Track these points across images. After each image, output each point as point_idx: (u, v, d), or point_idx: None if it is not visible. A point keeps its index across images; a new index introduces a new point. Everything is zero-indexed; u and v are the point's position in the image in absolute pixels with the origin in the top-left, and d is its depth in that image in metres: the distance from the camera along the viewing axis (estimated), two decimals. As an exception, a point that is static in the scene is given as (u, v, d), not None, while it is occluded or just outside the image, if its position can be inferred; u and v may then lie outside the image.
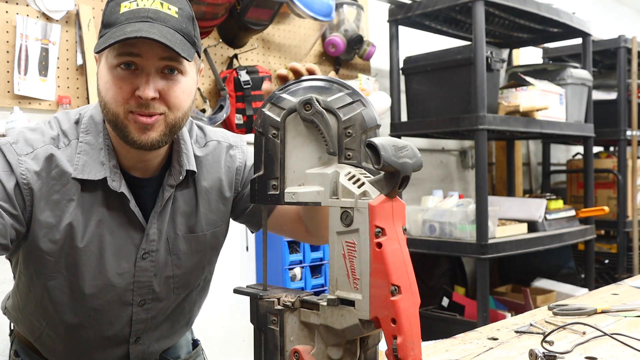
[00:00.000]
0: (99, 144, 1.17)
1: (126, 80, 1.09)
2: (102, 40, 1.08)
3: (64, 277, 1.18)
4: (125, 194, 1.17)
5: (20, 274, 1.25)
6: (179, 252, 1.27)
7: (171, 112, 1.12)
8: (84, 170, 1.14)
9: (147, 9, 1.08)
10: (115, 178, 1.16)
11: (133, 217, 1.20)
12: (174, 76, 1.12)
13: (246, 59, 2.89)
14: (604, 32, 4.91)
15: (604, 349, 1.26)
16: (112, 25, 1.08)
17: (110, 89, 1.10)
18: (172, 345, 1.44)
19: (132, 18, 1.07)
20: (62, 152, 1.15)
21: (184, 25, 1.11)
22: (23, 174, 1.11)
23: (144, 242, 1.21)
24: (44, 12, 2.23)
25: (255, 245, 2.94)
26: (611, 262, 4.52)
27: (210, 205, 1.30)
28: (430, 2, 3.14)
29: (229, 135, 1.36)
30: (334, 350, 0.87)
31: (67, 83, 2.31)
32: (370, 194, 0.80)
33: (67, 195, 1.15)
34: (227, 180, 1.31)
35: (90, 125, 1.18)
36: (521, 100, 3.22)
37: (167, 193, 1.22)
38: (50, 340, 1.28)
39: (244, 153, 1.35)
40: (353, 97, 0.89)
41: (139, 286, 1.24)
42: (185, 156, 1.23)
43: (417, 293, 0.80)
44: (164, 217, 1.23)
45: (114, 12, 1.09)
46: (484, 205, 2.96)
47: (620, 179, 4.22)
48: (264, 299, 0.93)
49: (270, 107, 0.93)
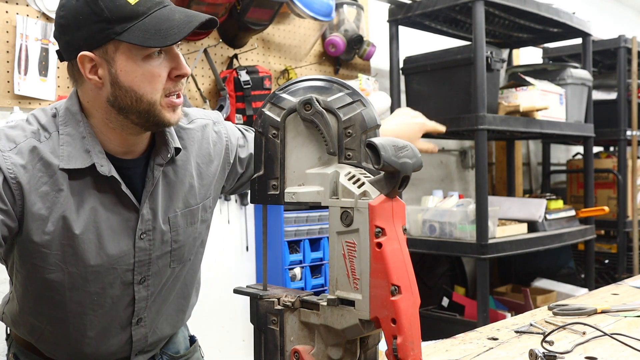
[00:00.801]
0: (80, 133, 1.18)
1: (161, 66, 1.14)
2: (149, 32, 1.09)
3: (62, 269, 1.19)
4: (115, 177, 1.18)
5: (16, 272, 1.25)
6: (178, 228, 1.30)
7: (184, 84, 1.21)
8: (70, 161, 1.16)
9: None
10: (104, 163, 1.17)
11: (125, 199, 1.21)
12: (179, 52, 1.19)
13: (246, 59, 2.89)
14: (604, 32, 4.91)
15: (604, 349, 1.26)
16: (135, 18, 1.09)
17: (147, 80, 1.13)
18: (170, 337, 1.45)
19: (152, 6, 1.11)
20: (45, 144, 1.16)
21: None
22: (9, 169, 1.12)
23: (140, 222, 1.23)
24: (44, 12, 2.23)
25: (255, 245, 2.94)
26: (611, 262, 4.52)
27: (203, 181, 1.34)
28: (430, 2, 3.14)
29: (208, 113, 1.42)
30: (334, 350, 0.87)
31: (67, 83, 2.30)
32: (370, 194, 0.80)
33: (55, 186, 1.15)
34: (216, 154, 1.37)
35: (68, 116, 1.19)
36: (521, 100, 3.22)
37: (156, 172, 1.24)
38: (53, 337, 1.28)
39: (226, 128, 1.42)
40: (353, 97, 0.89)
41: (139, 264, 1.26)
42: (169, 134, 1.26)
43: (417, 293, 0.80)
44: (156, 196, 1.25)
45: (121, 5, 1.09)
46: (484, 205, 2.96)
47: (620, 179, 4.22)
48: (264, 299, 0.93)
49: (270, 107, 0.93)
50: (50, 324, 1.26)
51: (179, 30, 1.09)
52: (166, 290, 1.35)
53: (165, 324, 1.39)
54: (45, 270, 1.19)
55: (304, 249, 2.89)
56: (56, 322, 1.26)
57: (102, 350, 1.30)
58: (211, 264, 2.67)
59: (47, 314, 1.25)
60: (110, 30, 1.09)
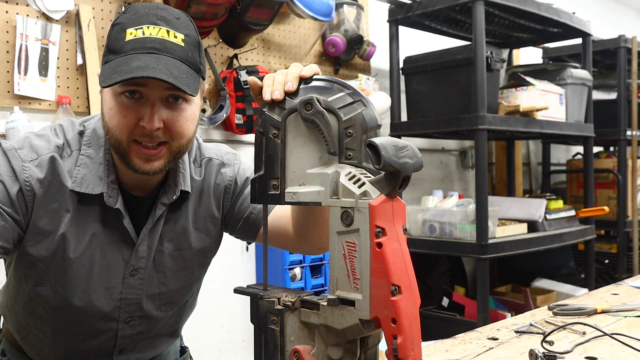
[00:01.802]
0: (99, 158, 1.17)
1: (130, 109, 1.09)
2: (107, 71, 1.07)
3: (51, 285, 1.18)
4: (120, 210, 1.17)
5: (11, 274, 1.25)
6: (165, 270, 1.27)
7: (175, 140, 1.13)
8: (82, 184, 1.15)
9: (153, 39, 1.07)
10: (112, 194, 1.16)
11: (126, 233, 1.20)
12: (178, 105, 1.12)
13: (246, 59, 2.89)
14: (604, 32, 4.91)
15: (604, 349, 1.26)
16: (117, 53, 1.07)
17: (114, 117, 1.10)
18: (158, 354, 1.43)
19: (137, 48, 1.06)
20: (65, 162, 1.16)
21: (190, 54, 1.10)
22: (27, 181, 1.11)
23: (133, 258, 1.21)
24: (44, 12, 2.23)
25: (255, 245, 2.94)
26: (611, 262, 4.52)
27: (198, 225, 1.30)
28: (430, 2, 3.14)
29: (223, 152, 1.35)
30: (334, 350, 0.87)
31: (67, 83, 2.31)
32: (370, 194, 0.80)
33: (64, 206, 1.15)
34: (215, 199, 1.31)
35: (93, 138, 1.18)
36: (521, 100, 3.22)
37: (159, 211, 1.22)
38: (37, 340, 1.28)
39: (235, 171, 1.33)
40: (354, 97, 0.89)
41: (126, 303, 1.24)
42: (182, 176, 1.23)
43: (418, 293, 0.80)
44: (155, 235, 1.23)
45: (119, 38, 1.08)
46: (484, 205, 2.96)
47: (620, 179, 4.22)
48: (264, 298, 0.93)
49: (270, 107, 0.93)
50: (36, 328, 1.27)
51: (117, 77, 1.04)
52: (156, 330, 1.33)
53: (152, 350, 1.38)
54: (36, 282, 1.19)
55: (304, 249, 2.89)
56: (40, 330, 1.26)
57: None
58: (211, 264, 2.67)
59: (34, 319, 1.26)
60: (105, 58, 1.11)
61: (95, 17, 2.36)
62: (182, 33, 1.10)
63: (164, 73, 1.04)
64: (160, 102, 1.09)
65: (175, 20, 1.10)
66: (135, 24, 1.08)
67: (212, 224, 1.31)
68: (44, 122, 2.23)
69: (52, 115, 2.26)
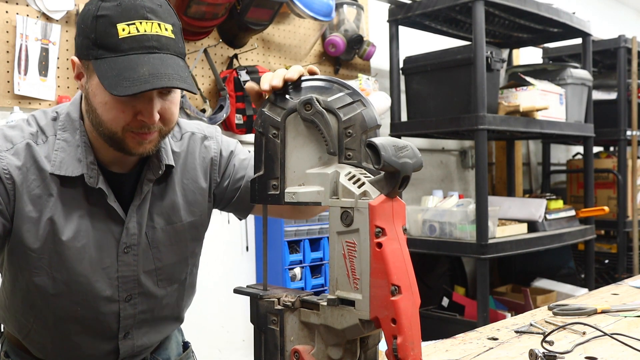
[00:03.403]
0: (75, 141, 1.18)
1: (127, 105, 1.10)
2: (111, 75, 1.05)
3: (47, 273, 1.19)
4: (103, 189, 1.18)
5: (5, 271, 1.26)
6: (158, 245, 1.28)
7: (166, 126, 1.16)
8: (62, 167, 1.16)
9: (150, 36, 1.07)
10: (93, 174, 1.17)
11: (113, 211, 1.21)
12: (170, 95, 1.15)
13: (246, 59, 2.89)
14: (604, 32, 4.91)
15: (604, 349, 1.26)
16: (113, 51, 1.06)
17: (109, 111, 1.10)
18: (162, 342, 1.44)
19: (136, 48, 1.06)
20: (41, 148, 1.17)
21: (180, 45, 1.13)
22: (5, 169, 1.13)
23: (124, 235, 1.23)
24: (44, 12, 2.23)
25: (255, 245, 2.94)
26: (611, 262, 4.52)
27: (187, 198, 1.31)
28: (430, 2, 3.14)
29: (204, 126, 1.38)
30: (334, 350, 0.87)
31: (67, 83, 2.31)
32: (370, 194, 0.80)
33: (46, 191, 1.16)
34: (202, 171, 1.33)
35: (67, 122, 1.20)
36: (521, 100, 3.22)
37: (145, 187, 1.23)
38: (39, 337, 1.28)
39: (219, 143, 1.37)
40: (353, 97, 0.89)
41: (124, 281, 1.25)
42: (164, 151, 1.25)
43: (417, 293, 0.80)
44: (143, 211, 1.25)
45: (111, 34, 1.06)
46: (484, 205, 2.96)
47: (620, 179, 4.22)
48: (264, 299, 0.93)
49: (270, 107, 0.93)
50: (36, 324, 1.27)
51: (131, 85, 1.04)
52: (158, 309, 1.33)
53: (157, 334, 1.38)
54: (31, 273, 1.19)
55: (304, 249, 2.89)
56: (42, 323, 1.26)
57: (87, 355, 1.30)
58: (211, 264, 2.67)
59: (34, 315, 1.26)
60: (92, 51, 1.09)
61: (95, 17, 2.36)
62: (169, 23, 1.11)
63: (175, 79, 1.06)
64: (156, 97, 1.12)
65: (160, 10, 1.10)
66: (126, 19, 1.06)
67: (200, 196, 1.33)
68: (44, 122, 2.23)
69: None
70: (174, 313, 1.40)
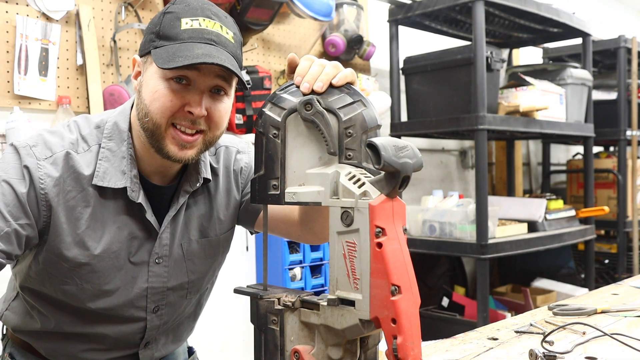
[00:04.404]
0: (121, 152, 1.17)
1: (178, 94, 1.10)
2: (165, 55, 1.07)
3: (76, 283, 1.18)
4: (142, 204, 1.18)
5: (28, 277, 1.23)
6: (193, 257, 1.28)
7: (211, 130, 1.15)
8: (105, 178, 1.15)
9: (210, 31, 1.10)
10: (135, 188, 1.16)
11: (149, 224, 1.20)
12: (220, 96, 1.15)
13: (246, 59, 2.89)
14: (604, 32, 4.91)
15: (604, 349, 1.26)
16: (173, 40, 1.09)
17: (158, 99, 1.10)
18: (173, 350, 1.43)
19: (195, 38, 1.09)
20: (81, 157, 1.15)
21: (238, 52, 1.15)
22: (42, 179, 1.11)
23: (157, 246, 1.22)
24: (44, 12, 2.23)
25: (255, 245, 2.94)
26: (611, 262, 4.52)
27: (223, 211, 1.32)
28: (430, 2, 3.15)
29: (236, 141, 1.39)
30: (334, 350, 0.87)
31: (67, 83, 2.31)
32: (370, 194, 0.80)
33: (83, 202, 1.15)
34: (235, 182, 1.34)
35: (114, 132, 1.18)
36: (521, 100, 3.22)
37: (182, 199, 1.23)
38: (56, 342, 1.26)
39: (250, 157, 1.37)
40: (354, 97, 0.89)
41: (153, 292, 1.24)
42: (202, 164, 1.25)
43: (417, 293, 0.80)
44: (177, 222, 1.24)
45: (174, 26, 1.10)
46: (484, 205, 2.96)
47: (620, 179, 4.22)
48: (264, 298, 0.93)
49: (271, 107, 0.93)
50: (57, 328, 1.25)
51: (183, 60, 1.06)
52: (179, 317, 1.34)
53: (174, 345, 1.39)
54: (61, 281, 1.18)
55: (304, 249, 2.89)
56: (63, 330, 1.24)
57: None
58: (211, 264, 2.67)
59: (55, 321, 1.24)
60: (153, 43, 1.11)
61: (95, 17, 2.36)
62: (231, 30, 1.15)
63: (227, 63, 1.07)
64: (207, 91, 1.12)
65: (225, 18, 1.15)
66: (191, 15, 1.11)
67: (233, 208, 1.34)
68: (44, 122, 2.23)
69: (52, 115, 2.26)
70: (192, 320, 1.41)
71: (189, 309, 1.36)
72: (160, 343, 1.33)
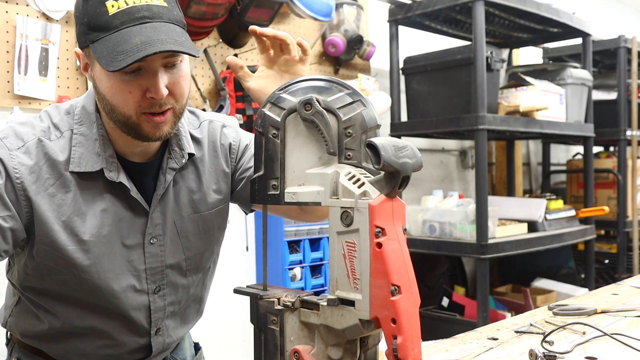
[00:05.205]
0: (93, 135, 1.16)
1: (133, 83, 1.07)
2: (106, 52, 1.03)
3: (74, 274, 1.17)
4: (124, 183, 1.16)
5: (27, 276, 1.21)
6: (188, 234, 1.27)
7: (178, 102, 1.13)
8: (81, 163, 1.14)
9: (139, 7, 1.05)
10: (112, 168, 1.15)
11: (136, 203, 1.19)
12: (176, 67, 1.11)
13: (246, 59, 2.89)
14: (604, 32, 4.91)
15: (604, 349, 1.26)
16: (106, 30, 1.04)
17: (117, 94, 1.08)
18: (178, 342, 1.42)
19: (127, 21, 1.04)
20: (55, 143, 1.14)
21: (175, 13, 1.09)
22: (16, 169, 1.10)
23: (149, 226, 1.21)
24: (44, 12, 2.23)
25: (255, 245, 2.94)
26: (611, 262, 4.52)
27: (213, 185, 1.30)
28: (430, 2, 3.15)
29: (220, 116, 1.38)
30: (334, 350, 0.87)
31: (67, 83, 2.31)
32: (370, 194, 0.80)
33: (63, 188, 1.13)
34: (223, 156, 1.32)
35: (84, 116, 1.17)
36: (521, 100, 3.22)
37: (168, 176, 1.22)
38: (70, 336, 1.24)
39: (237, 132, 1.36)
40: (353, 97, 0.89)
41: (152, 272, 1.23)
42: (184, 139, 1.24)
43: (417, 293, 0.80)
44: (167, 200, 1.23)
45: (101, 13, 1.04)
46: (484, 205, 2.96)
47: (620, 179, 4.22)
48: (264, 298, 0.93)
49: (270, 107, 0.93)
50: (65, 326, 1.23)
51: (125, 57, 1.01)
52: (185, 299, 1.32)
53: (182, 328, 1.37)
54: (58, 272, 1.17)
55: (304, 249, 2.89)
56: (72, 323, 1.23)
57: (118, 355, 1.28)
58: (211, 264, 2.67)
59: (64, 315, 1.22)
60: (88, 36, 1.07)
61: (95, 17, 2.37)
62: None
63: (170, 43, 1.03)
64: (160, 68, 1.08)
65: None
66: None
67: (224, 182, 1.32)
68: (44, 122, 2.23)
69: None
70: (197, 303, 1.39)
71: (193, 291, 1.34)
72: (170, 328, 1.31)
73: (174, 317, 1.32)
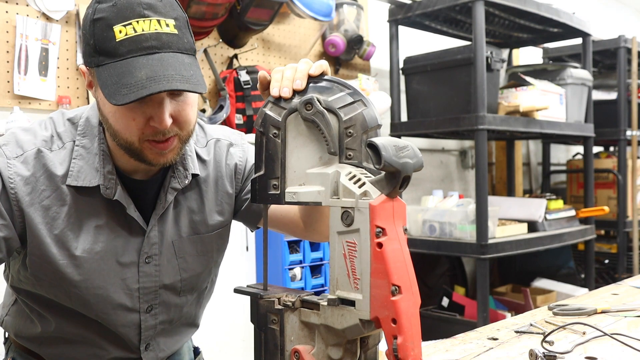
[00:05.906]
0: (94, 149, 1.13)
1: (137, 111, 1.04)
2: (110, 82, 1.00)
3: (62, 287, 1.15)
4: (120, 201, 1.14)
5: (20, 282, 1.21)
6: (185, 255, 1.24)
7: (184, 130, 1.10)
8: (79, 177, 1.11)
9: (148, 35, 1.01)
10: (110, 185, 1.12)
11: (133, 221, 1.17)
12: (182, 94, 1.08)
13: (246, 59, 2.89)
14: (604, 32, 4.91)
15: (604, 349, 1.26)
16: (112, 56, 1.01)
17: (120, 120, 1.05)
18: (177, 350, 1.40)
19: (134, 50, 1.00)
20: (55, 154, 1.12)
21: (185, 40, 1.06)
22: (11, 178, 1.08)
23: (145, 245, 1.18)
24: (44, 12, 2.23)
25: (255, 245, 2.94)
26: (611, 262, 4.52)
27: (215, 206, 1.28)
28: (430, 2, 3.15)
29: (229, 133, 1.34)
30: (334, 350, 0.87)
31: (67, 83, 2.31)
32: (371, 194, 0.80)
33: (59, 201, 1.11)
34: (228, 178, 1.29)
35: (87, 128, 1.15)
36: (521, 100, 3.22)
37: (170, 196, 1.19)
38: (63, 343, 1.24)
39: (245, 151, 1.32)
40: (354, 97, 0.89)
41: (145, 292, 1.21)
42: (190, 159, 1.21)
43: (418, 293, 0.80)
44: (166, 220, 1.20)
45: (108, 38, 1.01)
46: (484, 205, 2.96)
47: (620, 179, 4.22)
48: (264, 298, 0.93)
49: (271, 106, 0.93)
50: (55, 333, 1.22)
51: (128, 92, 0.98)
52: (177, 318, 1.30)
53: (176, 343, 1.35)
54: (49, 284, 1.15)
55: (304, 249, 2.89)
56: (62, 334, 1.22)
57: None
58: (211, 264, 2.66)
59: (56, 322, 1.22)
60: (94, 59, 1.04)
61: (95, 17, 2.36)
62: (171, 18, 1.03)
63: (176, 79, 1.00)
64: (166, 97, 1.06)
65: (159, 4, 1.03)
66: (122, 19, 1.00)
67: (227, 203, 1.29)
68: (44, 122, 2.23)
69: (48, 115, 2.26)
70: (191, 320, 1.37)
71: (187, 310, 1.32)
72: (161, 344, 1.29)
73: (165, 334, 1.30)
